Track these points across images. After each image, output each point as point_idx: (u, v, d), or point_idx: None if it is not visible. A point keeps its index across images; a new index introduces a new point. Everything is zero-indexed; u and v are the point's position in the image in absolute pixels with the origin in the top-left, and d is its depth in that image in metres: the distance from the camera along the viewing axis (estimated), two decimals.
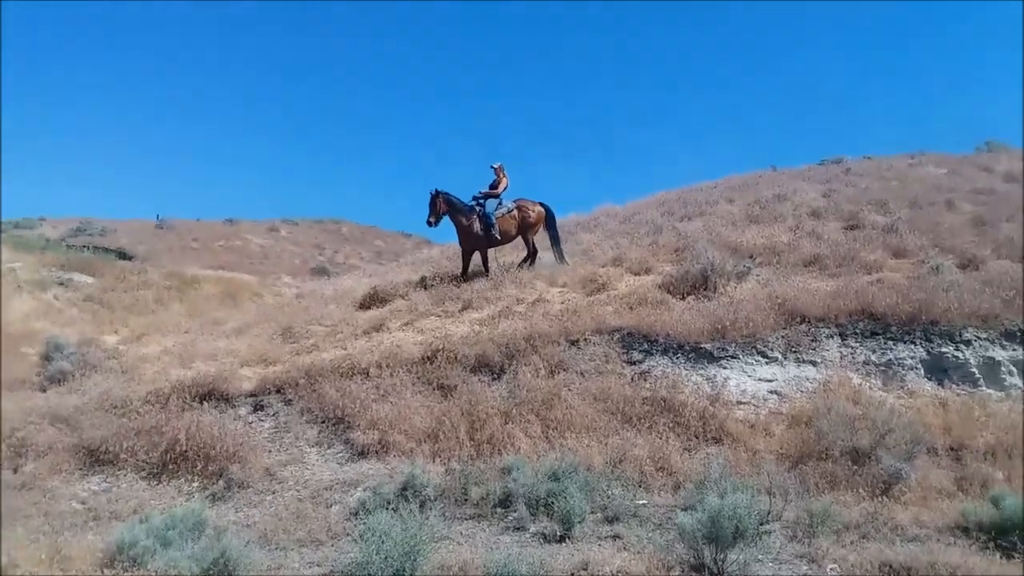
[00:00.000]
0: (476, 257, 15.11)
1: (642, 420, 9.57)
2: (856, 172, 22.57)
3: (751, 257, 13.77)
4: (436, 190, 14.64)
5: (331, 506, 8.43)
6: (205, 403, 10.47)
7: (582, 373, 10.53)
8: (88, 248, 32.69)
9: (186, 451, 9.46)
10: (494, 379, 10.64)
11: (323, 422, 10.16)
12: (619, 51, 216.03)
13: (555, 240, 15.53)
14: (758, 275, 13.06)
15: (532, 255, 15.22)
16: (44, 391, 11.74)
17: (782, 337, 10.95)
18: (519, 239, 15.38)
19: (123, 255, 32.93)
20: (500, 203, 15.13)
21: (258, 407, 10.64)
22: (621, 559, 6.50)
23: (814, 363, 10.59)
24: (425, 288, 14.34)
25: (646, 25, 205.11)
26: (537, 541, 7.29)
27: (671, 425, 9.43)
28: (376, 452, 9.44)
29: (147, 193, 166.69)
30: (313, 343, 12.42)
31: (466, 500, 8.23)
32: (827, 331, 11.03)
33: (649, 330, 11.13)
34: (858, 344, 10.86)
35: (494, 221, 14.77)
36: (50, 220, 45.65)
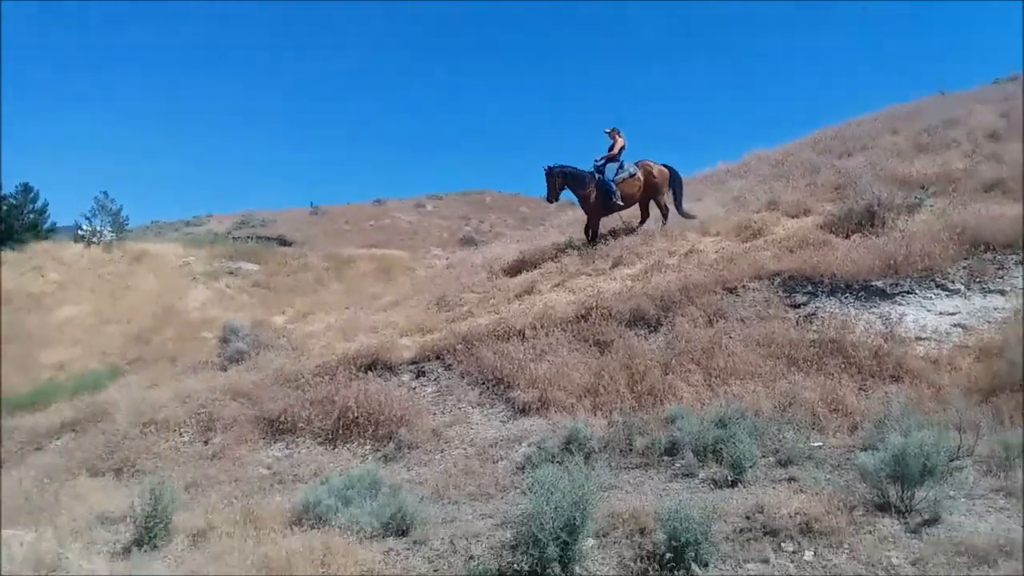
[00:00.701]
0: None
1: (810, 363, 9.11)
2: None
3: (922, 187, 12.75)
4: (548, 167, 14.42)
5: (498, 462, 8.57)
6: (370, 372, 10.92)
7: (743, 320, 10.16)
8: (252, 238, 34.93)
9: (357, 417, 9.91)
10: (651, 332, 10.45)
11: (483, 384, 10.34)
12: None
13: (679, 201, 14.88)
14: (932, 206, 12.08)
15: (664, 215, 14.72)
16: (225, 370, 12.63)
17: (964, 268, 10.11)
18: (648, 202, 14.92)
19: (283, 242, 34.95)
20: (621, 167, 14.65)
21: (420, 373, 10.97)
22: (798, 501, 6.19)
23: (1002, 292, 9.69)
24: (574, 249, 14.26)
25: None
26: (707, 487, 7.09)
27: (843, 366, 8.91)
28: (537, 409, 9.51)
29: (301, 183, 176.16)
30: (467, 310, 12.65)
31: (631, 450, 8.12)
32: (1016, 258, 10.07)
33: (812, 271, 10.58)
34: None
35: (614, 187, 14.33)
36: (217, 216, 49.02)
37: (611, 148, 14.86)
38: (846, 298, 10.11)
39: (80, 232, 31.08)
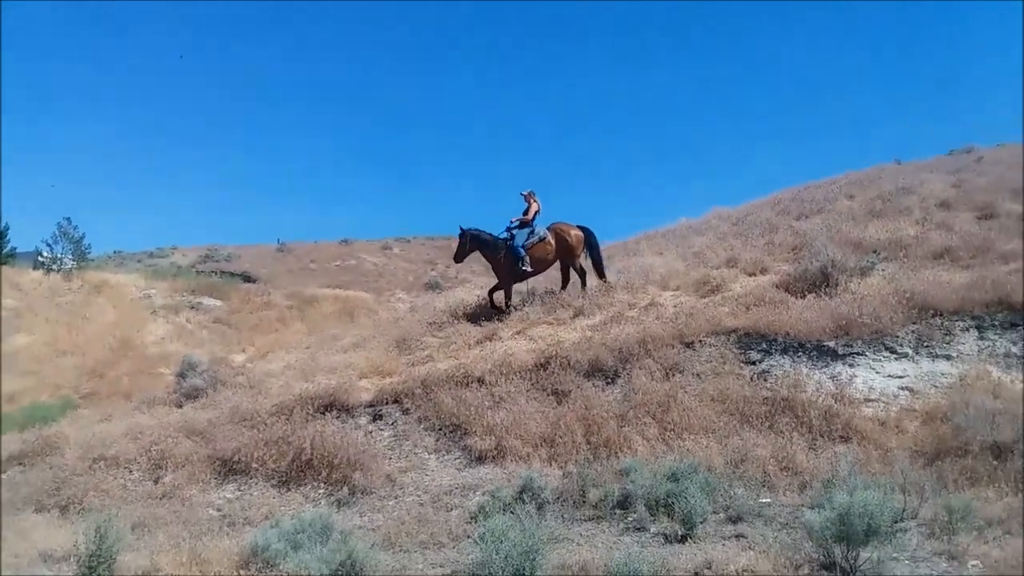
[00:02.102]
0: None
1: (762, 420, 9.29)
2: (989, 160, 21.17)
3: (875, 252, 13.15)
4: (463, 229, 14.53)
5: (451, 510, 8.55)
6: (327, 414, 10.86)
7: (698, 375, 10.33)
8: (216, 273, 34.64)
9: (311, 460, 9.83)
10: (608, 383, 10.57)
11: (440, 429, 10.35)
12: (735, 46, 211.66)
13: (598, 264, 14.63)
14: (883, 270, 12.45)
15: (567, 282, 14.60)
16: (180, 407, 12.45)
17: (912, 332, 10.42)
18: (566, 266, 14.65)
19: (247, 278, 34.73)
20: (532, 231, 14.45)
21: (377, 416, 10.94)
22: (746, 558, 6.29)
23: (948, 357, 10.00)
24: (534, 297, 14.40)
25: (764, 20, 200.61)
26: (658, 541, 7.16)
27: (794, 424, 9.10)
28: (493, 457, 9.55)
29: (268, 218, 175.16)
30: (428, 354, 12.67)
31: (584, 502, 8.17)
32: (962, 324, 10.43)
33: (767, 329, 10.82)
34: (997, 336, 10.21)
35: (523, 254, 14.14)
36: (181, 248, 48.62)
37: (525, 212, 14.72)
38: (799, 357, 10.34)
39: (40, 258, 30.59)
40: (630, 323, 12.06)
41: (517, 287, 14.79)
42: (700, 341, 10.90)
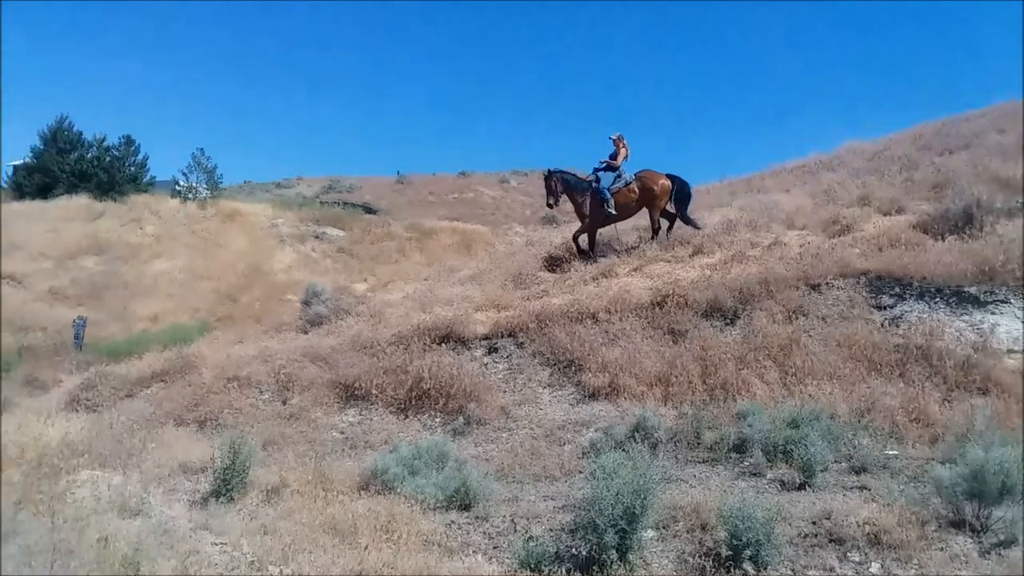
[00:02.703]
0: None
1: (893, 368, 8.85)
2: None
3: None
4: (549, 170, 14.30)
5: (564, 444, 8.62)
6: (444, 345, 11.05)
7: (824, 319, 9.90)
8: (339, 204, 35.66)
9: (428, 389, 10.08)
10: (727, 324, 10.30)
11: (554, 365, 10.38)
12: None
13: (685, 217, 14.07)
14: None
15: (656, 231, 14.11)
16: (306, 333, 13.00)
17: None
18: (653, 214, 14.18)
19: (369, 209, 35.60)
20: (619, 176, 14.09)
21: (492, 349, 11.08)
22: (868, 510, 6.05)
23: None
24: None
25: None
26: (775, 488, 7.00)
27: (927, 374, 8.62)
28: (607, 394, 9.51)
29: (388, 150, 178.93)
30: (543, 289, 12.68)
31: (699, 444, 8.06)
32: None
33: (902, 273, 10.21)
34: None
35: (608, 196, 13.81)
36: (306, 179, 50.25)
37: (613, 156, 14.42)
38: (936, 303, 9.74)
39: (177, 187, 32.33)
40: (752, 262, 11.66)
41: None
42: (827, 283, 10.42)
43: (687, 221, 14.06)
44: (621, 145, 14.48)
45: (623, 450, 7.40)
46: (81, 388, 12.20)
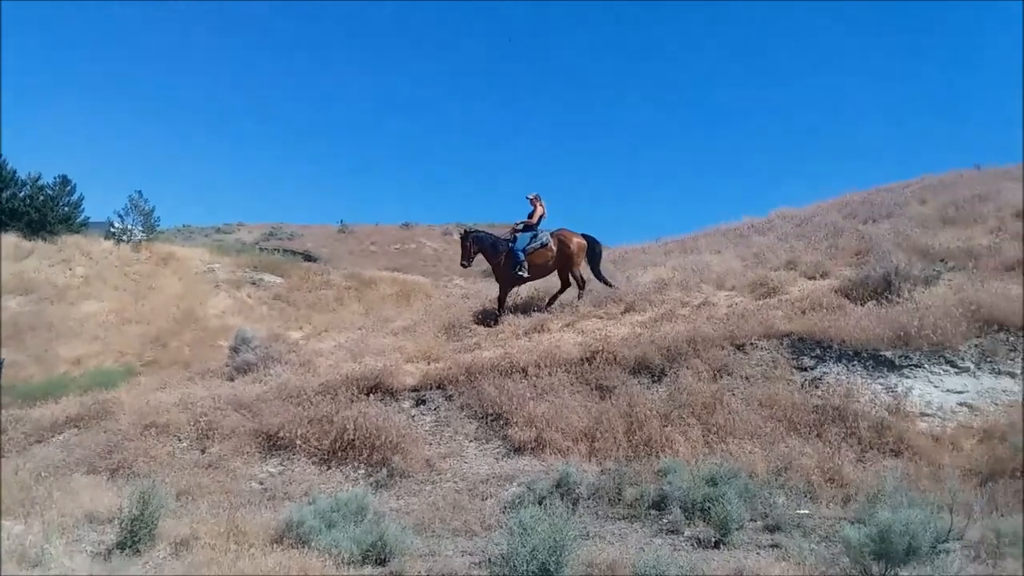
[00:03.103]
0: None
1: (811, 429, 9.03)
2: None
3: (942, 261, 12.65)
4: (465, 230, 14.63)
5: (486, 499, 8.55)
6: (372, 395, 10.93)
7: (747, 378, 10.09)
8: (278, 251, 35.39)
9: (353, 440, 9.93)
10: (654, 381, 10.42)
11: (482, 418, 10.35)
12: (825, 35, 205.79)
13: (598, 273, 14.43)
14: (950, 280, 11.96)
15: (580, 286, 14.34)
16: (232, 380, 12.73)
17: (975, 346, 9.99)
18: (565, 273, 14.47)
19: (309, 257, 35.40)
20: (535, 236, 14.27)
21: (420, 401, 11.00)
22: (780, 569, 6.11)
23: (1012, 374, 9.55)
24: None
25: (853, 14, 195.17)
26: (691, 545, 7.02)
27: (843, 435, 8.81)
28: (532, 449, 9.50)
29: (331, 198, 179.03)
30: (475, 341, 12.69)
31: (620, 500, 8.07)
32: None
33: (823, 335, 10.50)
34: None
35: (522, 259, 14.00)
36: (247, 225, 49.80)
37: (530, 216, 14.58)
38: (854, 366, 10.02)
39: (112, 229, 31.64)
40: (681, 321, 11.87)
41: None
42: (752, 344, 10.66)
43: (600, 278, 14.29)
44: (538, 204, 14.64)
45: (543, 505, 7.37)
46: None
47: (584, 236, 14.52)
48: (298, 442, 10.12)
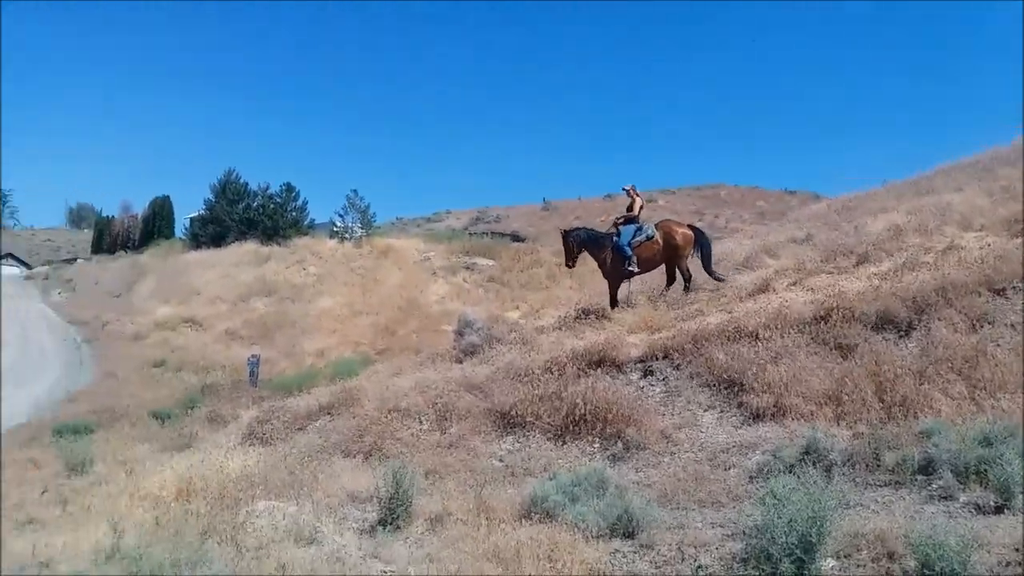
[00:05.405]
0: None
1: None
2: None
3: None
4: (564, 230, 14.16)
5: (729, 469, 8.25)
6: (598, 370, 10.88)
7: (1012, 326, 9.06)
8: (487, 234, 36.47)
9: (584, 415, 9.92)
10: (901, 337, 9.61)
11: (713, 386, 10.01)
12: None
13: (709, 270, 13.67)
14: None
15: (687, 280, 13.64)
16: (460, 362, 13.20)
17: None
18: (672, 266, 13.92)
19: (516, 238, 36.21)
20: (640, 228, 13.64)
21: (647, 372, 10.82)
22: None
23: None
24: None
25: None
26: (968, 512, 6.37)
27: None
28: (772, 415, 9.05)
29: (532, 178, 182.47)
30: (697, 308, 12.31)
31: (879, 466, 7.47)
32: None
33: None
34: None
35: (630, 253, 13.43)
36: (455, 212, 51.79)
37: (629, 208, 14.14)
38: None
39: (334, 228, 34.11)
40: (925, 269, 10.86)
41: None
42: (1014, 287, 9.55)
43: (711, 274, 13.67)
44: (635, 195, 14.28)
45: (794, 474, 6.99)
46: (257, 422, 12.90)
47: (691, 227, 14.09)
48: (531, 419, 10.27)
